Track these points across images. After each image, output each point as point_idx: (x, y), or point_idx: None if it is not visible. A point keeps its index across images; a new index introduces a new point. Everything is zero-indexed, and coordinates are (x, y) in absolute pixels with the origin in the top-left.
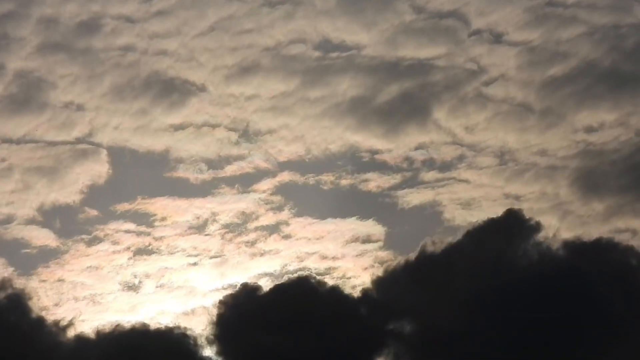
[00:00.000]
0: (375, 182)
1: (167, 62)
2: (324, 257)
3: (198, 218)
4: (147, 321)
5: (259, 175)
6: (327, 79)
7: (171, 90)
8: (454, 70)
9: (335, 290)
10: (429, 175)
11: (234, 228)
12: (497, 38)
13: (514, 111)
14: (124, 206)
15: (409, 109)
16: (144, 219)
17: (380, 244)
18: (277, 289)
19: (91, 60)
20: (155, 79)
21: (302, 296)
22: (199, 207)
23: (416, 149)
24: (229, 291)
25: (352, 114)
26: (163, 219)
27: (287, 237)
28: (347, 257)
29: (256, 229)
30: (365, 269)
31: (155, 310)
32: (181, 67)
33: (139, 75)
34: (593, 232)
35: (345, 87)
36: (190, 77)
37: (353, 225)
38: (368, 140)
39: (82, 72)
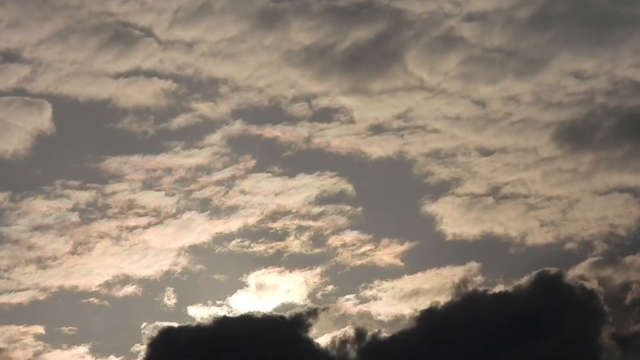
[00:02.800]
0: (336, 133)
1: (113, 5)
2: (286, 215)
3: (149, 174)
4: (101, 285)
5: (211, 126)
6: (283, 22)
7: (117, 35)
8: (423, 13)
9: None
10: (396, 125)
11: (187, 184)
12: None
13: (490, 56)
14: (69, 161)
15: (374, 56)
16: (92, 176)
17: (346, 199)
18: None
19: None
20: (100, 23)
21: None
22: (150, 162)
23: (382, 96)
24: (188, 252)
25: (310, 61)
26: (112, 175)
27: (245, 193)
28: (313, 216)
29: (211, 184)
30: (334, 231)
31: (110, 273)
32: (127, 11)
33: (83, 21)
34: (576, 189)
35: (302, 32)
36: (138, 21)
37: (315, 181)
38: (328, 89)
39: (21, 15)
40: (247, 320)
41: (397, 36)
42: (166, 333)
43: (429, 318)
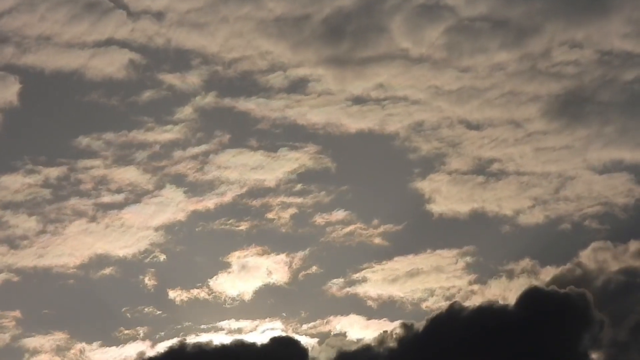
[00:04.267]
0: (314, 105)
1: None
2: (266, 192)
3: (122, 150)
4: (78, 267)
5: (182, 100)
6: None
7: (87, 6)
8: None
9: None
10: (376, 95)
11: (161, 159)
12: None
13: (477, 25)
14: (38, 136)
15: (354, 25)
16: (63, 151)
17: (329, 176)
18: None
19: None
20: None
21: None
22: (122, 138)
23: (361, 66)
24: (166, 231)
25: (286, 31)
26: (84, 151)
27: (221, 168)
28: (294, 193)
29: (186, 160)
30: (317, 209)
31: (87, 253)
32: None
33: None
34: (568, 166)
35: (277, 0)
36: None
37: (294, 155)
38: (304, 60)
39: None
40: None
41: (381, 4)
42: None
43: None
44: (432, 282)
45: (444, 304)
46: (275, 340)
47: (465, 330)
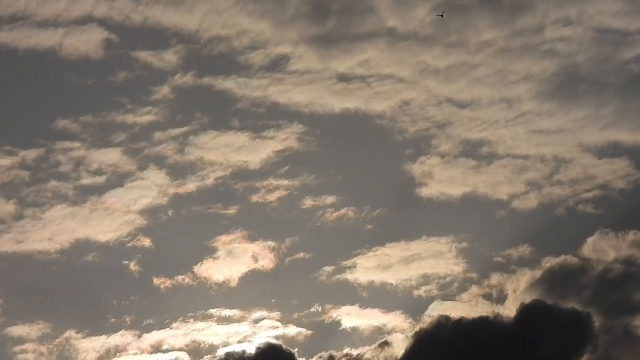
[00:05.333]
0: (296, 83)
1: None
2: (249, 174)
3: (100, 131)
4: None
5: (159, 79)
6: None
7: None
8: None
9: None
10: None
11: (140, 141)
12: None
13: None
14: (14, 116)
15: (337, 5)
16: (39, 133)
17: (315, 157)
18: None
19: None
20: None
21: None
22: (98, 119)
23: (346, 43)
24: (148, 215)
25: (267, 8)
26: (61, 133)
27: (202, 149)
28: (278, 175)
29: (166, 141)
30: (304, 192)
31: (66, 239)
32: None
33: None
34: (563, 148)
35: None
36: None
37: (277, 135)
38: (286, 37)
39: None
40: None
41: None
42: None
43: None
44: (426, 268)
45: (439, 293)
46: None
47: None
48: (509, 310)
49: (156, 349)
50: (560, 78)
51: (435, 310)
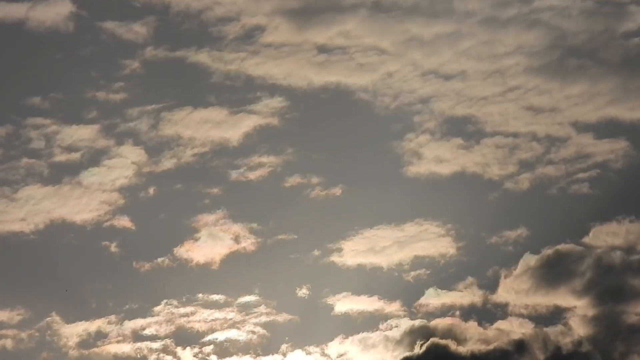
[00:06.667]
0: (274, 55)
1: None
2: (228, 152)
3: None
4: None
5: (129, 52)
6: None
7: None
8: None
9: None
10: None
11: (114, 117)
12: None
13: None
14: None
15: None
16: (9, 109)
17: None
18: None
19: None
20: None
21: None
22: (70, 94)
23: (323, 14)
24: (125, 194)
25: None
26: (31, 108)
27: (177, 125)
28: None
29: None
30: (285, 172)
31: (41, 219)
32: None
33: None
34: (558, 130)
35: None
36: None
37: (255, 109)
38: (260, 7)
39: None
40: None
41: None
42: None
43: None
44: (418, 251)
45: (432, 279)
46: None
47: None
48: (502, 297)
49: (140, 336)
50: (553, 51)
51: (430, 298)
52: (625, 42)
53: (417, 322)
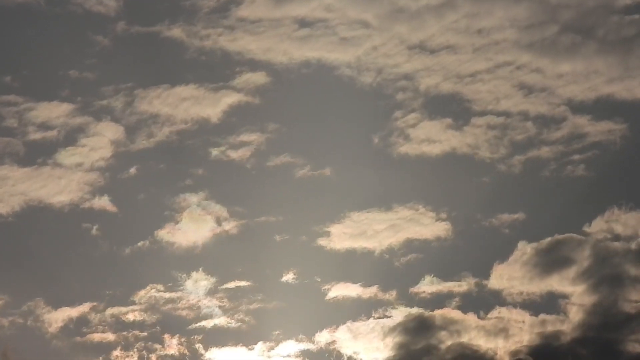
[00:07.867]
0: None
1: None
2: (205, 130)
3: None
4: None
5: (98, 26)
6: None
7: None
8: None
9: None
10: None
11: (87, 94)
12: None
13: None
14: None
15: None
16: None
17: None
18: None
19: None
20: None
21: None
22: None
23: None
24: (103, 174)
25: None
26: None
27: (151, 103)
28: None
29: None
30: (269, 151)
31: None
32: None
33: None
34: (552, 109)
35: None
36: None
37: (234, 85)
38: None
39: None
40: None
41: None
42: None
43: None
44: (410, 234)
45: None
46: None
47: None
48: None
49: (124, 323)
50: (546, 26)
51: (425, 286)
52: (623, 18)
53: (414, 310)
